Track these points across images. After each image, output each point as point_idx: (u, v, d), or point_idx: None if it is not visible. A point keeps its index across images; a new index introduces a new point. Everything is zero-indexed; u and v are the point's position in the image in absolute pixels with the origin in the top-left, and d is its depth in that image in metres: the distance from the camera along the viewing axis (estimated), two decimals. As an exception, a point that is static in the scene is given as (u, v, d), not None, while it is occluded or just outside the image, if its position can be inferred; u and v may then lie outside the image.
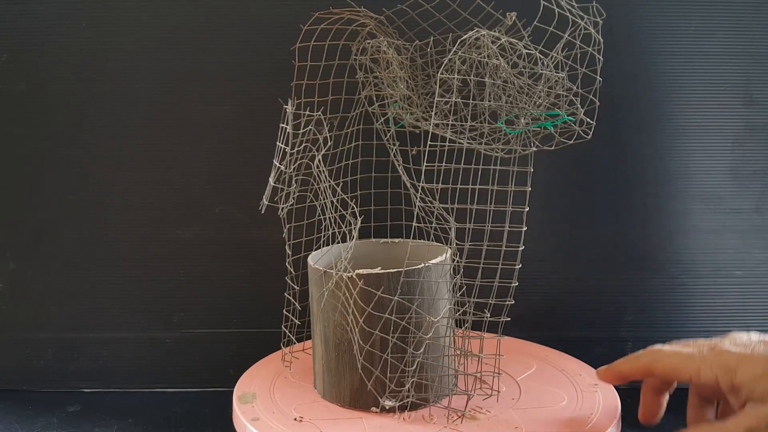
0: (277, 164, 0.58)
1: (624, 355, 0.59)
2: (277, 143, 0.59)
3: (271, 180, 0.59)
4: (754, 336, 0.49)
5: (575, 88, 0.55)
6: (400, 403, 0.56)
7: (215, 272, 0.74)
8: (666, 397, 0.55)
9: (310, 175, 0.61)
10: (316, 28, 0.61)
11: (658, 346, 0.52)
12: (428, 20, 0.64)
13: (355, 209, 0.58)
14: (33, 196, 0.73)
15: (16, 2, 0.70)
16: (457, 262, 0.56)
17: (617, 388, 0.60)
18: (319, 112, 0.59)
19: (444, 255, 0.58)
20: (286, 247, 0.63)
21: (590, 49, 0.55)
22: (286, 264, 0.64)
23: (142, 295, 0.74)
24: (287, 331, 0.66)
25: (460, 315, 0.57)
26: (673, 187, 0.72)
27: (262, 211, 0.59)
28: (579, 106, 0.55)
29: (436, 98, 0.54)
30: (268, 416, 0.57)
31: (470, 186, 0.54)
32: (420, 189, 0.54)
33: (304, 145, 0.59)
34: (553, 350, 0.68)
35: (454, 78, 0.53)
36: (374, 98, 0.64)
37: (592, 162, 0.72)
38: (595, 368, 0.64)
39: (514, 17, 0.57)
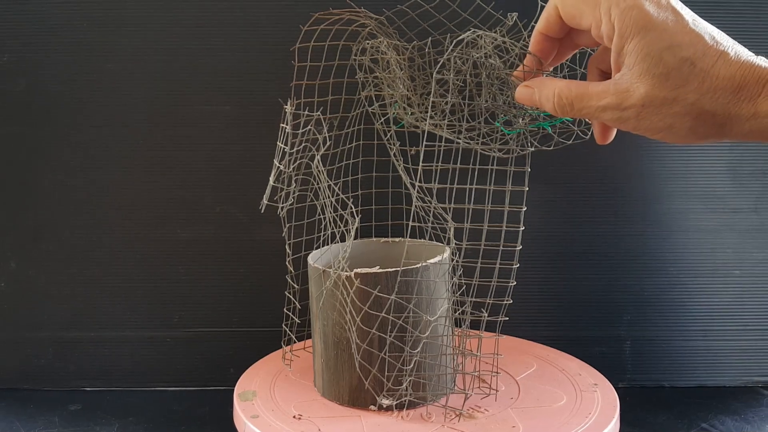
0: (277, 164, 0.58)
1: (624, 355, 0.58)
2: (277, 143, 0.59)
3: (271, 180, 0.59)
4: None
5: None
6: (398, 401, 0.56)
7: (215, 272, 0.74)
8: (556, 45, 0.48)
9: (310, 175, 0.61)
10: (316, 29, 0.61)
11: None
12: (428, 20, 0.64)
13: (353, 209, 0.58)
14: (33, 196, 0.73)
15: (17, 2, 0.70)
16: (456, 261, 0.56)
17: (617, 388, 0.60)
18: (319, 112, 0.59)
19: (442, 255, 0.58)
20: (286, 246, 0.63)
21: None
22: (286, 263, 0.64)
23: (143, 295, 0.75)
24: (288, 330, 0.66)
25: (458, 314, 0.58)
26: (672, 186, 0.72)
27: (262, 211, 0.59)
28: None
29: (431, 97, 0.54)
30: (268, 414, 0.57)
31: (468, 186, 0.54)
32: (417, 188, 0.54)
33: (303, 144, 0.59)
34: (554, 350, 0.68)
35: (450, 77, 0.53)
36: (374, 98, 0.64)
37: (592, 162, 0.72)
38: (596, 368, 0.64)
39: (515, 18, 0.57)
